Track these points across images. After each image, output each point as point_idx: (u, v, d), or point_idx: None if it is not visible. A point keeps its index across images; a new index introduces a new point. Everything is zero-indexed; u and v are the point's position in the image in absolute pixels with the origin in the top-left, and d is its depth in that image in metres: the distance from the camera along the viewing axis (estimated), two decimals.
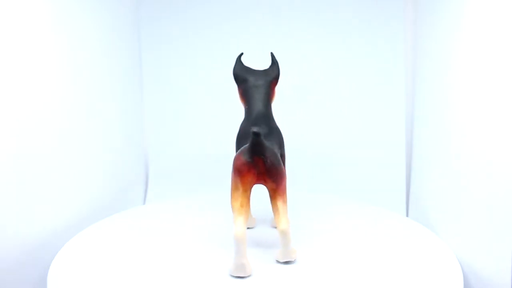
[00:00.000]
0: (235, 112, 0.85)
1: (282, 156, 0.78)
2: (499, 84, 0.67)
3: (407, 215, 1.07)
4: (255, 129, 0.64)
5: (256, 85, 0.81)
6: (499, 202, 0.66)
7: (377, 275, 0.65)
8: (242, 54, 0.83)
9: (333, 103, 1.13)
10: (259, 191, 0.73)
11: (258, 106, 0.79)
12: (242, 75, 0.82)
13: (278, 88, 1.15)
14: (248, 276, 0.66)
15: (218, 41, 1.14)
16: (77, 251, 0.75)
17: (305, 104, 1.13)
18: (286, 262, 0.69)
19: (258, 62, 1.17)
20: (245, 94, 0.81)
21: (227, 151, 0.90)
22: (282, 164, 0.69)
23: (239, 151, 0.69)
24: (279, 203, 0.68)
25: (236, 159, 0.67)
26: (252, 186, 0.68)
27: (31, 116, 0.77)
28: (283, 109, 1.13)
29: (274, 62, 0.84)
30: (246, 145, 0.67)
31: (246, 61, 0.85)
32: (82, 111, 0.93)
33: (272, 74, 0.83)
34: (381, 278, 0.64)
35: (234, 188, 0.67)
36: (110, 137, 1.05)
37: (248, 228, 0.83)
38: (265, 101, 0.80)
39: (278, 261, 0.70)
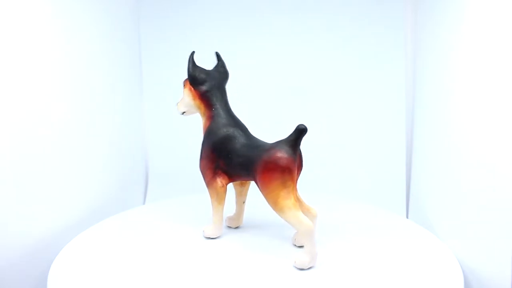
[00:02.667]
0: (235, 112, 0.84)
1: None
2: (499, 84, 0.67)
3: (407, 216, 1.07)
4: (303, 126, 0.69)
5: (219, 86, 0.79)
6: (499, 203, 0.66)
7: (377, 276, 0.65)
8: (194, 52, 0.80)
9: (333, 103, 1.13)
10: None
11: (228, 107, 0.80)
12: (201, 77, 0.78)
13: (278, 88, 1.16)
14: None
15: (218, 41, 1.14)
16: (78, 251, 0.75)
17: (305, 104, 1.13)
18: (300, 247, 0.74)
19: (258, 62, 1.18)
20: (207, 96, 0.78)
21: None
22: None
23: (275, 150, 0.68)
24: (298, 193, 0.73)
25: (280, 159, 0.67)
26: None
27: (32, 116, 0.77)
28: (283, 109, 1.14)
29: (223, 62, 0.81)
30: (279, 143, 0.69)
31: (246, 61, 0.85)
32: (82, 111, 0.93)
33: (226, 75, 0.81)
34: (381, 279, 0.64)
35: (281, 187, 0.67)
36: (110, 138, 1.05)
37: (236, 227, 0.85)
38: (228, 103, 0.80)
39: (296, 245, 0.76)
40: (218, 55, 0.82)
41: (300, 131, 0.69)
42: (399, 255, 0.73)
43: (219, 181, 0.77)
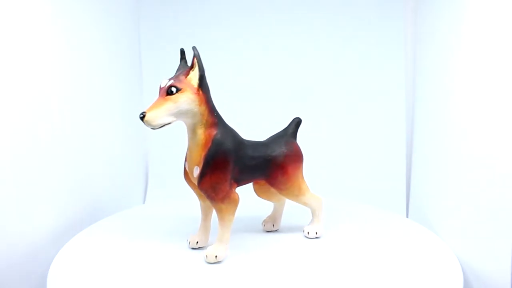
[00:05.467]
0: (235, 112, 0.85)
1: None
2: (499, 84, 0.67)
3: (407, 216, 1.07)
4: (298, 118, 0.81)
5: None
6: (499, 202, 0.66)
7: (378, 275, 0.65)
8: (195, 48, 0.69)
9: (333, 103, 1.13)
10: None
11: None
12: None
13: (278, 87, 1.16)
14: None
15: (219, 42, 1.14)
16: (78, 251, 0.75)
17: (305, 105, 1.13)
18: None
19: (258, 61, 1.18)
20: (211, 99, 0.70)
21: None
22: None
23: (291, 143, 0.78)
24: None
25: (299, 150, 0.79)
26: None
27: (32, 116, 0.77)
28: (283, 109, 1.14)
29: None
30: (285, 137, 0.78)
31: (246, 61, 0.85)
32: (83, 111, 0.93)
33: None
34: (381, 278, 0.64)
35: (301, 174, 0.78)
36: (110, 138, 1.05)
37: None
38: None
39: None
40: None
41: (298, 123, 0.81)
42: (399, 254, 0.73)
43: (235, 191, 0.71)
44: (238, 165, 0.71)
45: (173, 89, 0.65)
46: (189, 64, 0.70)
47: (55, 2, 0.83)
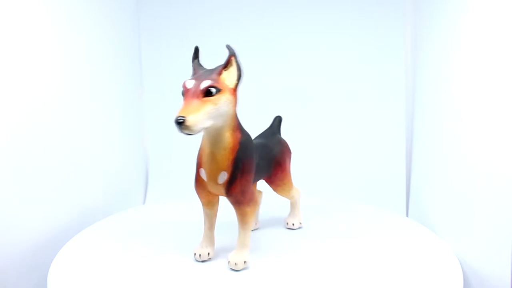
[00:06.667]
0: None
1: None
2: (499, 84, 0.67)
3: (407, 215, 1.07)
4: (280, 116, 0.85)
5: None
6: (499, 202, 0.66)
7: (377, 274, 0.65)
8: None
9: (333, 103, 1.13)
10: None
11: None
12: None
13: (278, 88, 1.16)
14: None
15: (219, 41, 1.14)
16: (78, 251, 0.75)
17: (305, 105, 1.13)
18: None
19: (258, 61, 1.17)
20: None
21: None
22: None
23: (283, 140, 0.81)
24: None
25: (289, 146, 0.81)
26: None
27: (31, 116, 0.77)
28: (284, 110, 1.14)
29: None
30: (274, 134, 0.81)
31: (246, 61, 0.84)
32: (82, 111, 0.93)
33: None
34: (381, 278, 0.64)
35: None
36: (110, 138, 1.05)
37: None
38: None
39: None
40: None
41: (280, 121, 0.85)
42: (399, 254, 0.73)
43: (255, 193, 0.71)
44: (256, 166, 0.70)
45: (213, 90, 0.60)
46: (203, 63, 0.67)
47: (55, 2, 0.83)
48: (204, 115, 0.58)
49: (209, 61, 0.80)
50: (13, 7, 0.73)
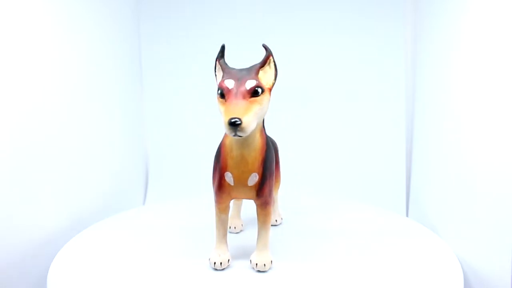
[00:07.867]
0: None
1: None
2: (499, 84, 0.67)
3: (407, 215, 1.07)
4: None
5: None
6: (499, 202, 0.66)
7: (377, 275, 0.65)
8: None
9: (333, 103, 1.13)
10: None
11: None
12: None
13: (278, 88, 1.15)
14: None
15: (219, 41, 1.14)
16: (77, 251, 0.75)
17: (305, 105, 1.13)
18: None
19: (258, 61, 1.17)
20: None
21: None
22: None
23: (271, 139, 0.77)
24: None
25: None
26: None
27: (31, 116, 0.77)
28: (284, 110, 1.14)
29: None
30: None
31: (246, 61, 0.84)
32: (82, 111, 0.93)
33: None
34: (381, 278, 0.64)
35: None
36: (110, 138, 1.05)
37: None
38: None
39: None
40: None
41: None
42: (399, 254, 0.73)
43: None
44: None
45: (259, 90, 0.58)
46: (234, 62, 0.66)
47: (55, 2, 0.83)
48: (254, 116, 0.56)
49: (209, 61, 0.81)
50: (13, 7, 0.73)
